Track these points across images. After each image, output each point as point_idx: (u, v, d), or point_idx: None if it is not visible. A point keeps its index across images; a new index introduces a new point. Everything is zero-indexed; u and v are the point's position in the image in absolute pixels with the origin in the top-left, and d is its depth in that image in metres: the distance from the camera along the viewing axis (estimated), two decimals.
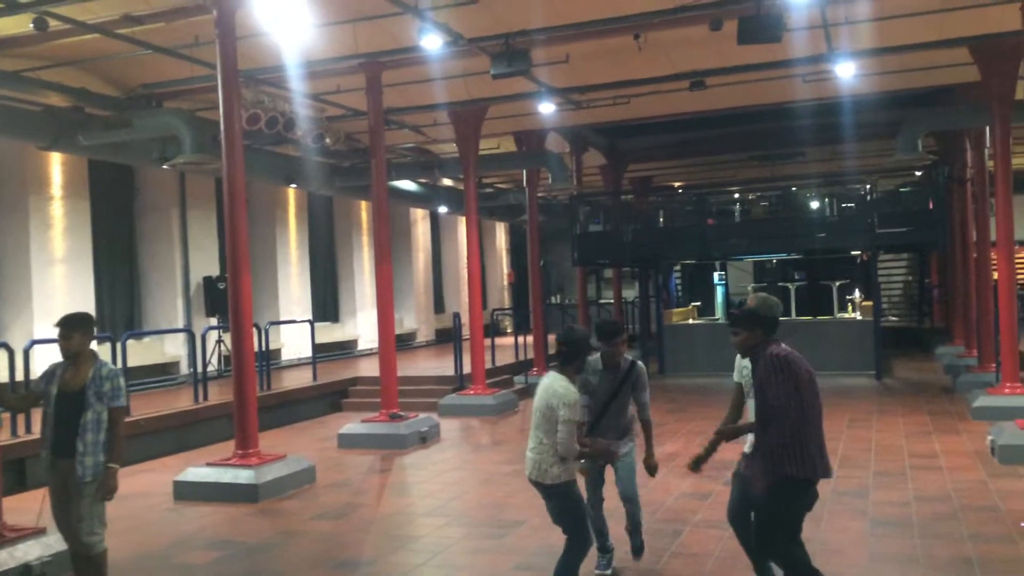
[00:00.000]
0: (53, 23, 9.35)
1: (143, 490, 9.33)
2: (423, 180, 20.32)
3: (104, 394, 5.28)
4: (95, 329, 5.74)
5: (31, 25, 9.21)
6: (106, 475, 5.29)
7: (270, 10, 8.69)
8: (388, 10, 9.53)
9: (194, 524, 8.01)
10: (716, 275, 25.28)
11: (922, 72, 13.83)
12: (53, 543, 6.21)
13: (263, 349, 13.73)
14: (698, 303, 23.79)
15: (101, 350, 13.50)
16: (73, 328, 5.38)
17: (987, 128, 13.92)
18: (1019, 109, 12.32)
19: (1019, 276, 12.56)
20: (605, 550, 5.99)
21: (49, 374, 5.50)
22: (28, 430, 9.67)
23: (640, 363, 5.95)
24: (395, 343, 12.47)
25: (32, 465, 9.26)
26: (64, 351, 5.39)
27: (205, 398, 12.41)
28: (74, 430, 5.21)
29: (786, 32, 9.56)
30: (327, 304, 21.13)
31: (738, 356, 5.16)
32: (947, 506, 7.53)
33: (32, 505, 8.21)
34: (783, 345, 4.67)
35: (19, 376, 10.10)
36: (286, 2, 8.37)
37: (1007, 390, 11.30)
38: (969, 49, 12.17)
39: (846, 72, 12.25)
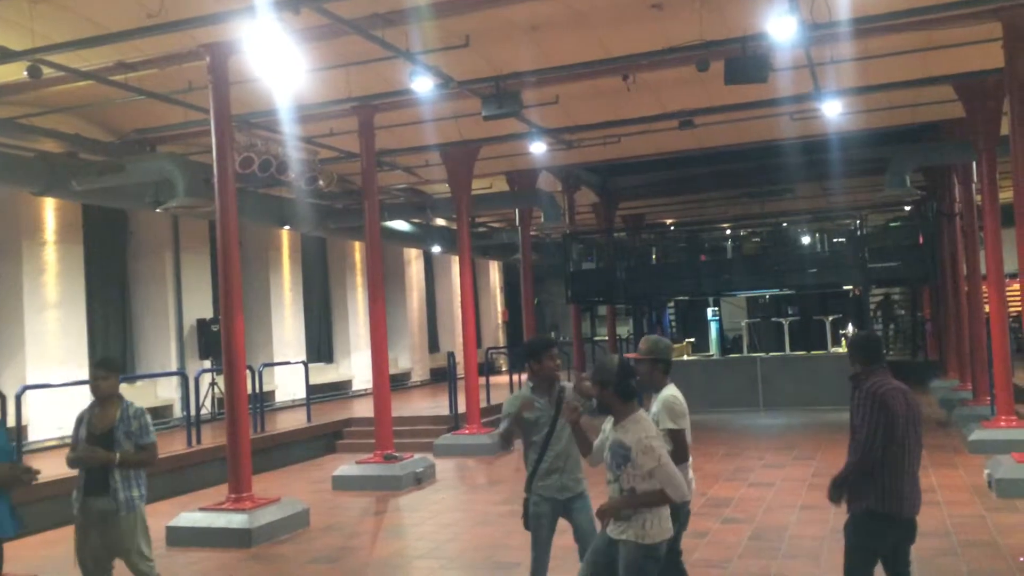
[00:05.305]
0: (47, 71, 9.43)
1: None
2: (416, 220, 20.40)
3: (132, 433, 5.47)
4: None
5: (25, 73, 9.29)
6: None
7: (263, 56, 8.79)
8: (380, 54, 9.64)
9: (186, 571, 7.92)
10: (710, 311, 25.28)
11: (908, 109, 14.04)
12: None
13: (257, 391, 13.67)
14: (692, 339, 23.78)
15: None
16: (113, 370, 5.65)
17: (974, 163, 14.08)
18: (1004, 144, 12.46)
19: (1011, 309, 12.59)
20: None
21: (79, 419, 5.66)
22: None
23: (568, 385, 5.38)
24: (389, 383, 12.43)
25: (28, 512, 9.16)
26: (101, 392, 5.57)
27: (198, 442, 12.32)
28: (104, 470, 5.37)
29: (772, 72, 9.70)
30: (321, 345, 21.08)
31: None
32: (945, 541, 7.49)
33: (29, 553, 8.14)
34: (889, 379, 4.66)
35: (11, 422, 10.03)
36: (279, 49, 8.47)
37: (1003, 423, 11.28)
38: (953, 86, 12.36)
39: (833, 110, 12.40)
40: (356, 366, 21.04)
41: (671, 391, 5.10)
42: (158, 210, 13.19)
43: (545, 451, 5.22)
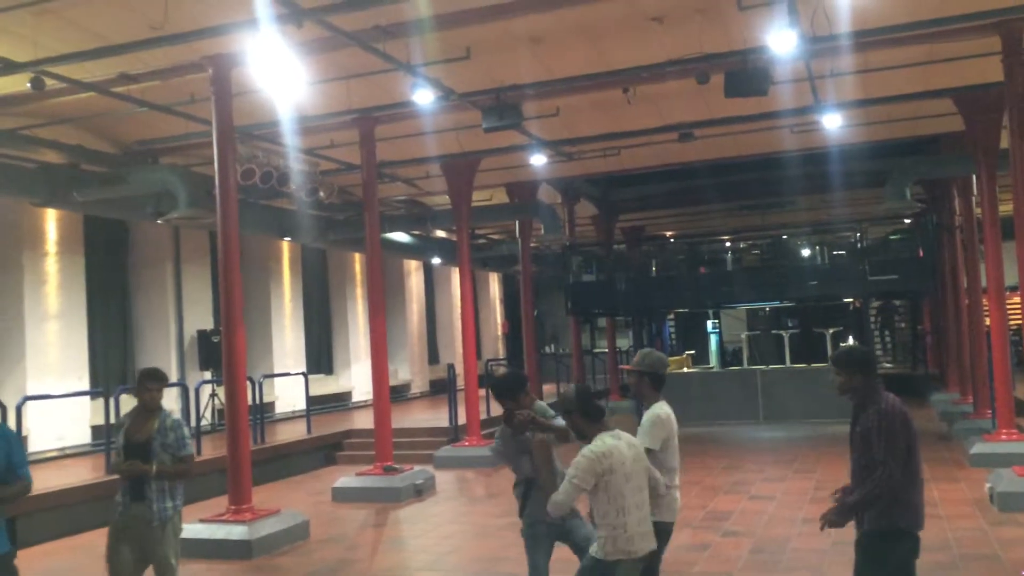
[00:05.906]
0: (50, 82, 9.45)
1: None
2: (416, 232, 20.42)
3: (169, 445, 5.53)
4: None
5: (28, 84, 9.32)
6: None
7: (265, 68, 8.82)
8: (381, 67, 9.67)
9: None
10: (710, 323, 25.30)
11: (908, 122, 14.07)
12: None
13: (257, 402, 13.65)
14: (692, 351, 23.79)
15: (94, 406, 13.54)
16: (164, 381, 5.73)
17: (974, 176, 14.10)
18: (1003, 157, 12.47)
19: (1011, 322, 12.58)
20: None
21: (118, 425, 5.83)
22: None
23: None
24: (389, 395, 12.42)
25: (23, 524, 9.14)
26: (155, 403, 5.66)
27: (198, 453, 12.27)
28: (141, 478, 5.46)
29: (772, 85, 9.73)
30: (321, 356, 21.06)
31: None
32: (947, 555, 7.46)
33: (31, 564, 8.12)
34: (890, 395, 4.51)
35: None
36: (281, 61, 8.50)
37: (1004, 436, 11.25)
38: (953, 100, 12.39)
39: (832, 123, 12.44)
40: (356, 377, 21.01)
41: (657, 409, 5.00)
42: (159, 221, 13.21)
43: (533, 481, 5.23)
